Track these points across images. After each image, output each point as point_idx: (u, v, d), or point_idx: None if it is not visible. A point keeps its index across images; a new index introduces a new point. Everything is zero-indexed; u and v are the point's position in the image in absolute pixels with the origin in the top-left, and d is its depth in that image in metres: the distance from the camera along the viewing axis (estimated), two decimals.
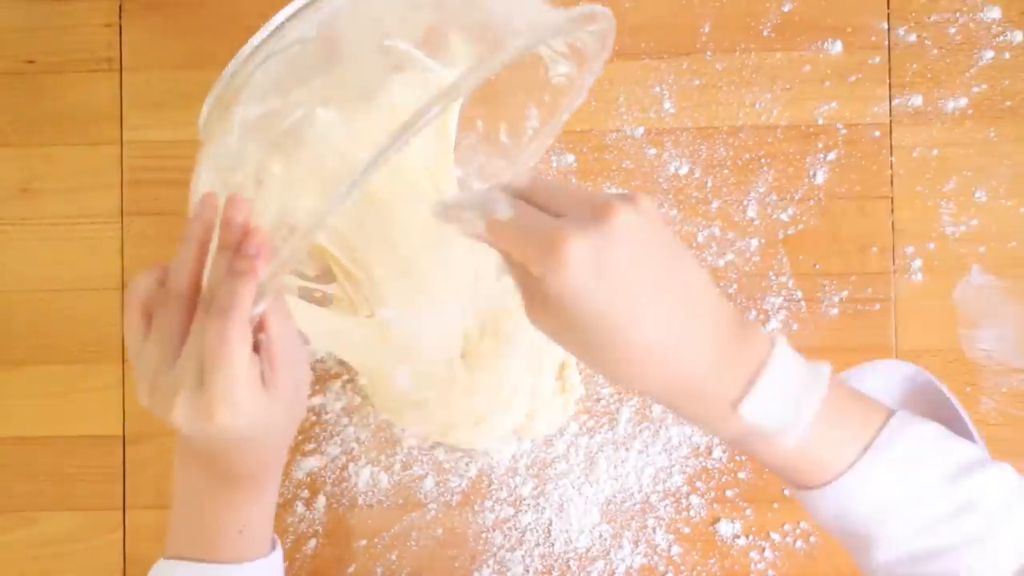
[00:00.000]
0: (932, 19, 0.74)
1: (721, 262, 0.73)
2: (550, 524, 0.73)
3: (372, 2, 0.48)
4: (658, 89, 0.74)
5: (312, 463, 0.73)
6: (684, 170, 0.74)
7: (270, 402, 0.45)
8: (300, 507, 0.73)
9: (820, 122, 0.73)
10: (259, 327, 0.45)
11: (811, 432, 0.43)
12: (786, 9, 0.74)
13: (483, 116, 0.61)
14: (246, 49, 0.48)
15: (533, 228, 0.41)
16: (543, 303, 0.42)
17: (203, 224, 0.45)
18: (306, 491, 0.73)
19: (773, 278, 0.73)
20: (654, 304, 0.41)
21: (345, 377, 0.73)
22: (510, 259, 0.44)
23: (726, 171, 0.74)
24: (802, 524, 0.72)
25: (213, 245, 0.45)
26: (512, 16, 0.45)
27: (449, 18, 0.47)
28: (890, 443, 0.43)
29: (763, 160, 0.74)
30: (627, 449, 0.73)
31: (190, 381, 0.43)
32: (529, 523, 0.73)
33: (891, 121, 0.73)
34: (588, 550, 0.72)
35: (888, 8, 0.74)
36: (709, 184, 0.74)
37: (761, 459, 0.44)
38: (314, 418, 0.74)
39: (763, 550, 0.72)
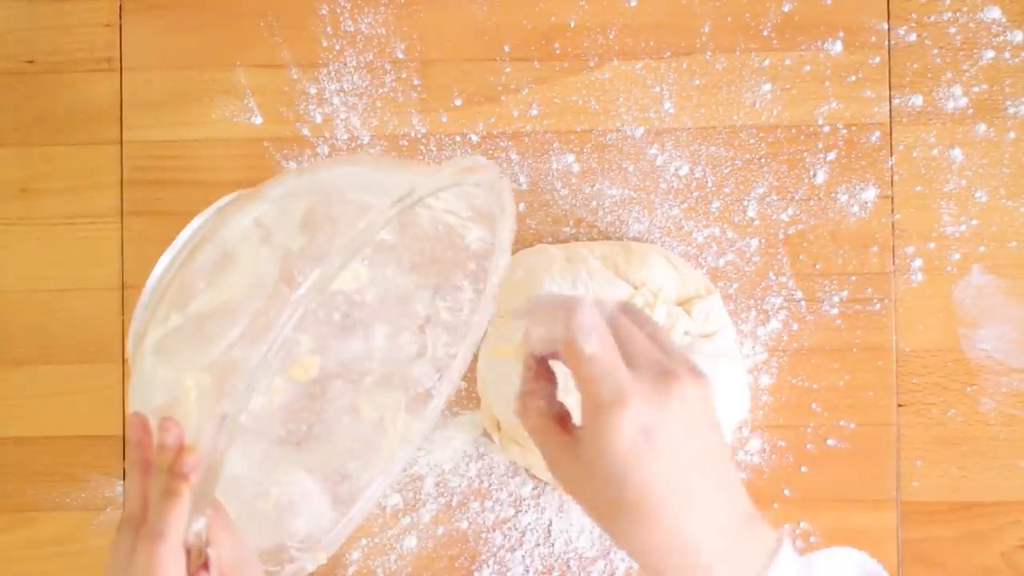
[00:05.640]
0: (932, 19, 0.74)
1: (721, 262, 0.73)
2: (550, 524, 0.73)
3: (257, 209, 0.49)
4: (658, 89, 0.74)
5: None
6: (684, 170, 0.74)
7: None
8: None
9: (820, 122, 0.73)
10: (207, 542, 0.47)
11: None
12: (786, 9, 0.74)
13: (421, 299, 0.62)
14: (154, 281, 0.51)
15: (607, 373, 0.42)
16: (575, 445, 0.44)
17: (138, 448, 0.49)
18: None
19: (773, 278, 0.73)
20: (693, 488, 0.43)
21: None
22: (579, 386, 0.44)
23: (726, 171, 0.74)
24: (802, 524, 0.72)
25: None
26: (392, 182, 0.47)
27: (324, 198, 0.48)
28: None
29: (763, 160, 0.74)
30: None
31: None
32: (529, 523, 0.73)
33: (891, 121, 0.73)
34: (588, 550, 0.72)
35: (888, 8, 0.74)
36: (709, 184, 0.74)
37: None
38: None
39: None
